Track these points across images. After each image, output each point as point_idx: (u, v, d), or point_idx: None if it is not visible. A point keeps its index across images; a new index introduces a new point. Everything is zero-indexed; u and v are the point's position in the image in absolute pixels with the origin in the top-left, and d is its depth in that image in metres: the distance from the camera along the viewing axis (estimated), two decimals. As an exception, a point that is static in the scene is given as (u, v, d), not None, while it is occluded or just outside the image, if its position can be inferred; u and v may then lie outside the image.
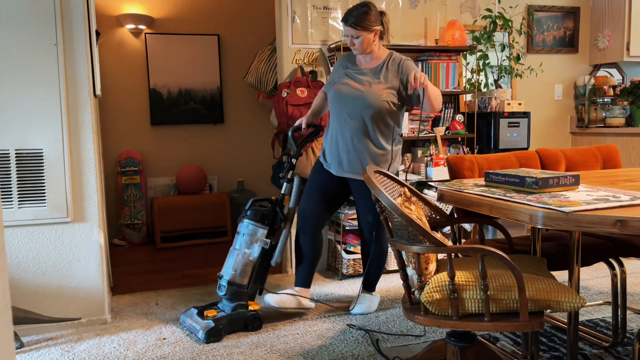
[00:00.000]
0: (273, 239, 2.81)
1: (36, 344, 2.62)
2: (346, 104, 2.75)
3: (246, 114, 5.29)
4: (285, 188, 2.95)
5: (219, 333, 2.60)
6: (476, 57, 4.02)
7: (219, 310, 2.75)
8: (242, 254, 2.78)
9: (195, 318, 2.71)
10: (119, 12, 4.83)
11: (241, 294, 2.75)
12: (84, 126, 2.77)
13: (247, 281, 2.76)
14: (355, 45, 2.71)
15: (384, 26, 2.73)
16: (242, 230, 2.82)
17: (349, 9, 2.72)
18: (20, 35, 2.62)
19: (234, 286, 2.74)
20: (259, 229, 2.79)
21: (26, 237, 2.73)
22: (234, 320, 2.68)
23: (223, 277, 2.77)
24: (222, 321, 2.64)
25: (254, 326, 2.71)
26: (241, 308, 2.73)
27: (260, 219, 2.80)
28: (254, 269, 2.77)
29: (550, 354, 2.38)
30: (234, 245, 2.82)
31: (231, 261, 2.79)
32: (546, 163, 2.55)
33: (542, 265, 1.95)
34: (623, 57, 4.40)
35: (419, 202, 2.08)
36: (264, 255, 2.80)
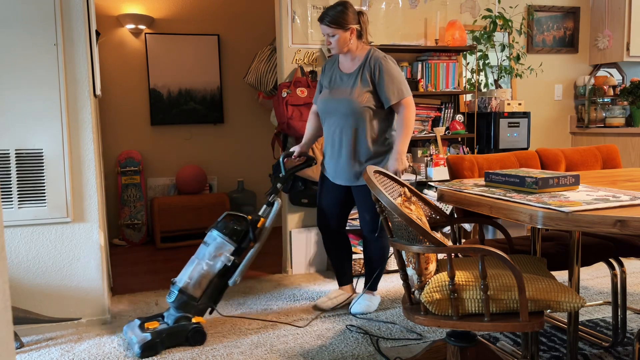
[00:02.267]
0: (238, 258, 2.66)
1: (36, 344, 2.62)
2: (332, 113, 2.78)
3: (246, 114, 5.29)
4: (263, 211, 2.82)
5: (154, 347, 2.45)
6: (476, 57, 4.02)
7: (162, 322, 2.60)
8: (202, 265, 2.61)
9: (136, 330, 2.55)
10: (119, 12, 4.83)
11: (190, 306, 2.57)
12: (84, 126, 2.77)
13: (200, 294, 2.59)
14: (332, 44, 2.72)
15: (362, 25, 2.74)
16: (209, 241, 2.66)
17: (326, 8, 2.74)
18: (20, 35, 2.62)
19: (184, 295, 2.56)
20: (227, 244, 2.63)
21: (26, 237, 2.73)
22: (174, 333, 2.52)
23: (176, 284, 2.60)
24: (161, 334, 2.48)
25: (195, 340, 2.54)
26: (184, 320, 2.56)
27: (230, 234, 2.64)
28: (210, 284, 2.60)
29: (550, 354, 2.38)
30: (197, 254, 2.66)
31: (189, 269, 2.62)
32: (546, 163, 2.55)
33: (542, 265, 1.95)
34: (623, 57, 4.40)
35: (419, 202, 2.08)
36: (224, 272, 2.63)
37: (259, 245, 2.70)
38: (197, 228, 4.80)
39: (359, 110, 2.70)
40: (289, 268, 3.75)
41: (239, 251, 2.66)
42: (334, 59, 2.89)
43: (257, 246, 2.70)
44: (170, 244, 4.66)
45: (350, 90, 2.72)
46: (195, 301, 2.58)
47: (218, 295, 2.67)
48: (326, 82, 2.85)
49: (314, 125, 3.00)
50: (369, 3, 3.83)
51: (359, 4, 3.80)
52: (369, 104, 2.70)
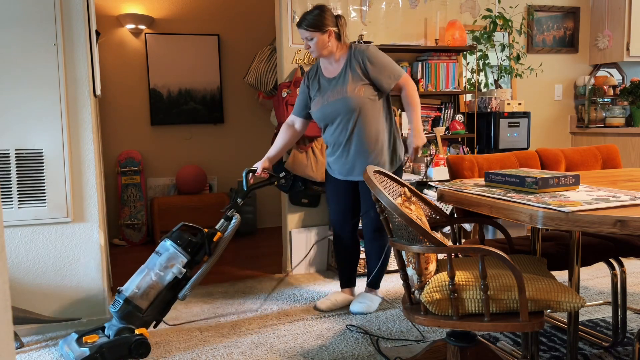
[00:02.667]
0: (190, 270, 2.54)
1: (36, 344, 2.62)
2: (332, 116, 2.80)
3: (246, 114, 5.29)
4: (221, 225, 2.73)
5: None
6: (476, 57, 4.02)
7: (102, 335, 2.43)
8: (151, 275, 2.48)
9: (73, 345, 2.38)
10: (119, 12, 4.83)
11: (134, 318, 2.42)
12: (84, 126, 2.77)
13: (147, 306, 2.45)
14: (311, 47, 2.76)
15: (340, 28, 2.77)
16: (161, 251, 2.53)
17: (304, 13, 2.78)
18: (20, 35, 2.62)
19: (130, 306, 2.42)
20: (180, 256, 2.50)
21: (26, 237, 2.73)
22: (116, 346, 2.33)
23: (122, 293, 2.45)
24: (101, 349, 2.30)
25: (139, 352, 2.35)
26: (127, 332, 2.39)
27: (185, 246, 2.52)
28: (158, 295, 2.47)
29: (550, 354, 2.38)
30: (147, 263, 2.54)
31: (137, 279, 2.48)
32: (546, 163, 2.55)
33: (542, 265, 1.95)
34: (623, 57, 4.40)
35: (419, 202, 2.08)
36: (175, 285, 2.51)
37: (213, 259, 2.58)
38: (197, 228, 4.80)
39: (358, 105, 2.73)
40: (289, 268, 3.75)
41: (191, 264, 2.54)
42: (315, 70, 2.90)
43: (211, 260, 2.58)
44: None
45: (343, 89, 2.74)
46: (140, 312, 2.44)
47: (165, 308, 2.54)
48: (314, 92, 2.87)
49: (286, 138, 2.97)
50: (369, 3, 3.83)
51: (359, 4, 3.80)
52: (367, 95, 2.74)
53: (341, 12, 3.76)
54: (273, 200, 5.29)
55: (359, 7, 3.81)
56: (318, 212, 3.78)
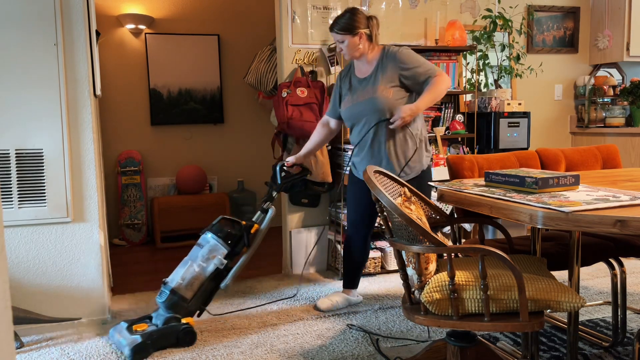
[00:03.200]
0: (230, 261, 2.66)
1: (36, 344, 2.62)
2: (360, 116, 2.80)
3: (246, 114, 5.29)
4: (257, 217, 2.81)
5: (146, 349, 2.40)
6: (476, 57, 4.02)
7: (151, 324, 2.55)
8: (194, 267, 2.60)
9: (124, 332, 2.48)
10: (119, 12, 4.83)
11: (180, 307, 2.54)
12: (84, 126, 2.77)
13: (191, 295, 2.57)
14: (343, 50, 2.78)
15: (371, 29, 2.77)
16: (202, 243, 2.66)
17: (336, 17, 2.80)
18: (20, 35, 2.62)
19: (175, 296, 2.54)
20: (220, 247, 2.63)
21: (26, 237, 2.73)
22: (165, 334, 2.46)
23: (167, 284, 2.57)
24: (151, 336, 2.42)
25: (186, 341, 2.49)
26: (174, 321, 2.51)
27: (225, 238, 2.65)
28: (201, 286, 2.59)
29: (550, 354, 2.38)
30: (190, 255, 2.65)
31: (181, 270, 2.60)
32: (546, 163, 2.55)
33: (542, 265, 1.95)
34: (623, 57, 4.40)
35: (419, 202, 2.08)
36: (217, 275, 2.62)
37: (252, 250, 2.70)
38: (197, 228, 4.77)
39: (386, 106, 2.71)
40: (289, 268, 3.75)
41: (232, 255, 2.65)
42: (347, 69, 2.92)
43: (250, 251, 2.69)
44: (170, 244, 4.66)
45: (373, 89, 2.74)
46: (186, 302, 2.55)
47: (208, 298, 2.64)
48: (345, 90, 2.89)
49: (319, 136, 3.01)
50: (369, 3, 3.83)
51: (359, 4, 3.80)
52: (395, 98, 2.71)
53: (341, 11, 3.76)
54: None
55: (359, 7, 3.81)
56: (318, 212, 3.78)
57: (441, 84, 2.67)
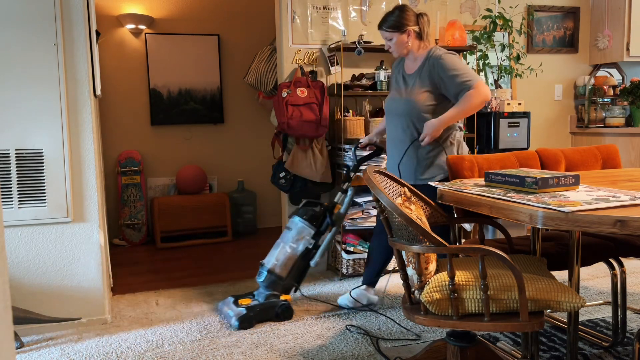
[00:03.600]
0: (318, 241, 2.96)
1: (36, 344, 2.62)
2: (392, 114, 2.81)
3: (246, 114, 5.29)
4: (338, 197, 3.08)
5: (250, 320, 2.75)
6: (476, 57, 4.02)
7: (254, 299, 2.91)
8: (287, 248, 2.93)
9: (231, 306, 2.87)
10: (119, 12, 4.83)
11: (277, 285, 2.89)
12: (84, 126, 2.77)
13: (286, 274, 2.91)
14: (391, 48, 2.77)
15: (421, 27, 2.73)
16: (291, 226, 2.97)
17: (385, 15, 2.78)
18: (20, 35, 2.62)
19: (272, 275, 2.89)
20: (307, 228, 2.94)
21: (26, 237, 2.73)
22: (266, 308, 2.82)
23: (264, 265, 2.92)
24: (255, 309, 2.79)
25: (285, 315, 2.83)
26: (273, 298, 2.87)
27: (310, 219, 2.95)
28: (294, 264, 2.92)
29: (550, 354, 2.38)
30: (281, 238, 2.98)
31: (275, 252, 2.94)
32: (546, 163, 2.55)
33: (542, 265, 1.95)
34: (623, 57, 4.40)
35: (419, 202, 2.08)
36: (306, 254, 2.95)
37: (336, 229, 3.00)
38: (197, 228, 4.80)
39: (416, 109, 2.68)
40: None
41: (318, 234, 2.96)
42: (401, 60, 2.89)
43: (334, 230, 3.00)
44: (170, 244, 4.66)
45: (409, 90, 2.73)
46: (282, 280, 2.90)
47: (301, 275, 2.98)
48: (394, 82, 2.90)
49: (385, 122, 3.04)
50: (369, 3, 3.83)
51: (359, 4, 3.80)
52: (427, 102, 2.67)
53: (341, 11, 3.76)
54: (273, 200, 5.29)
55: (359, 7, 3.81)
56: (318, 212, 3.78)
57: (475, 98, 2.55)
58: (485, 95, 2.57)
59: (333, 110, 3.69)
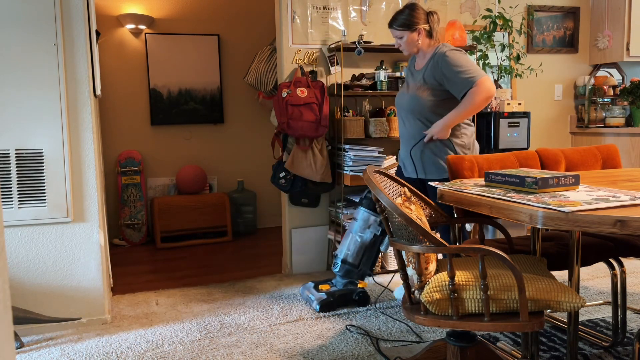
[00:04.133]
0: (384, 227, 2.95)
1: (36, 344, 2.62)
2: (401, 110, 2.85)
3: (246, 114, 5.29)
4: None
5: (331, 305, 2.94)
6: (476, 57, 4.01)
7: (332, 285, 3.07)
8: (356, 237, 3.01)
9: (312, 290, 3.06)
10: (119, 12, 4.83)
11: (352, 273, 3.02)
12: (84, 126, 2.77)
13: (358, 262, 3.01)
14: (401, 46, 2.79)
15: (431, 25, 2.75)
16: (357, 217, 3.05)
17: (395, 13, 2.78)
18: (20, 35, 2.62)
19: (346, 265, 3.01)
20: (372, 217, 3.00)
21: (26, 237, 2.73)
22: (345, 294, 2.98)
23: (338, 256, 3.04)
24: (335, 294, 2.96)
25: (362, 301, 2.99)
26: (351, 285, 3.04)
27: (373, 208, 3.00)
28: (365, 252, 3.01)
29: (550, 354, 2.38)
30: (350, 229, 3.07)
31: (346, 242, 3.04)
32: (546, 163, 2.55)
33: (542, 265, 1.95)
34: (623, 57, 4.40)
35: (419, 202, 2.08)
36: (375, 240, 3.02)
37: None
38: (197, 228, 4.80)
39: (420, 105, 2.71)
40: (289, 268, 3.75)
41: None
42: (413, 58, 2.93)
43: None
44: (170, 244, 4.66)
45: (415, 86, 2.76)
46: (355, 268, 3.02)
47: (373, 262, 3.07)
48: (406, 78, 2.94)
49: None
50: (369, 3, 3.83)
51: (359, 4, 3.80)
52: (430, 98, 2.69)
53: (341, 11, 3.76)
54: (273, 200, 5.29)
55: (359, 7, 3.81)
56: (318, 212, 3.78)
57: (478, 95, 2.56)
58: (488, 91, 2.56)
59: (333, 110, 3.69)
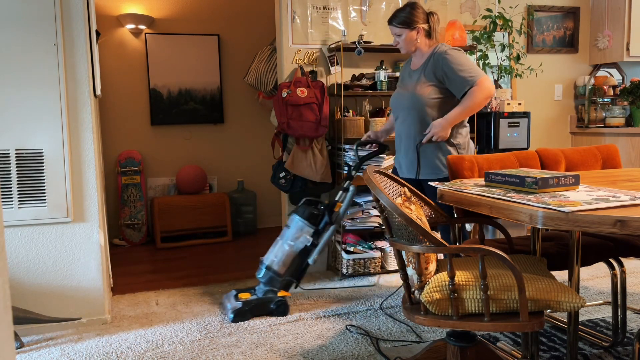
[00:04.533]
0: (316, 239, 2.98)
1: (36, 344, 2.62)
2: (399, 109, 2.83)
3: (246, 114, 5.29)
4: (339, 196, 3.07)
5: (245, 314, 2.85)
6: (476, 57, 4.01)
7: (253, 294, 2.98)
8: (285, 245, 2.96)
9: (231, 299, 2.98)
10: (119, 12, 4.83)
11: (275, 281, 2.95)
12: (84, 126, 2.77)
13: (284, 271, 2.95)
14: (399, 44, 2.79)
15: (431, 25, 2.76)
16: (290, 224, 3.01)
17: (395, 11, 2.79)
18: (20, 35, 2.62)
19: (270, 272, 2.94)
20: (306, 227, 2.97)
21: (26, 237, 2.73)
22: (262, 304, 2.90)
23: (263, 262, 2.98)
24: (251, 303, 2.87)
25: (280, 311, 2.90)
26: (271, 294, 2.94)
27: (308, 218, 2.98)
28: (292, 261, 2.96)
29: (550, 354, 2.38)
30: (281, 235, 3.02)
31: (274, 249, 2.98)
32: (546, 163, 2.55)
33: (542, 265, 1.95)
34: (623, 57, 4.40)
35: (419, 202, 2.08)
36: (305, 252, 2.97)
37: (335, 227, 3.01)
38: (197, 228, 4.80)
39: (422, 104, 2.70)
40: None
41: (317, 233, 2.98)
42: (409, 60, 2.94)
43: (333, 228, 3.00)
44: (170, 244, 4.66)
45: (414, 85, 2.75)
46: (279, 277, 2.95)
47: (301, 272, 3.00)
48: (400, 79, 2.93)
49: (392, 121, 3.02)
50: (369, 3, 3.83)
51: (359, 4, 3.80)
52: (432, 96, 2.69)
53: (341, 11, 3.76)
54: (273, 200, 5.29)
55: (359, 7, 3.81)
56: (318, 212, 3.77)
57: (478, 94, 2.59)
58: (488, 91, 2.61)
59: (333, 110, 3.69)
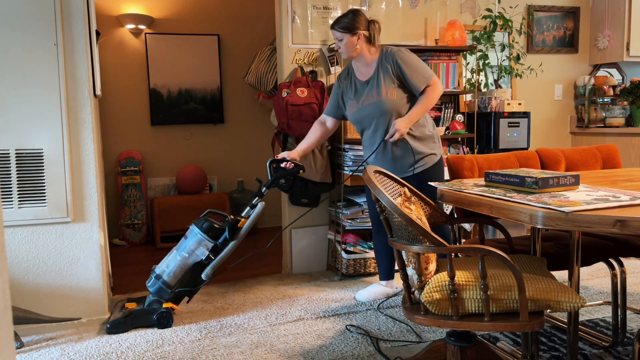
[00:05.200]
0: (213, 254, 2.79)
1: (36, 344, 2.62)
2: (367, 121, 2.88)
3: (246, 114, 5.29)
4: (246, 212, 2.91)
5: (121, 326, 2.70)
6: (476, 57, 4.01)
7: (139, 304, 2.84)
8: (178, 256, 2.79)
9: (117, 308, 2.83)
10: (119, 12, 4.83)
11: (163, 292, 2.78)
12: (84, 126, 2.77)
13: (174, 283, 2.78)
14: (341, 49, 2.88)
15: (371, 32, 2.86)
16: (188, 235, 2.83)
17: (339, 16, 2.90)
18: (20, 35, 2.62)
19: (159, 281, 2.78)
20: (204, 240, 2.79)
21: (26, 237, 2.73)
22: (143, 314, 2.75)
23: (154, 271, 2.82)
24: (131, 314, 2.73)
25: (161, 322, 2.74)
26: (156, 304, 2.78)
27: (207, 231, 2.80)
28: (185, 275, 2.79)
29: (550, 354, 2.39)
30: (177, 245, 2.85)
31: (168, 259, 2.82)
32: (546, 163, 2.55)
33: (542, 265, 1.95)
34: (623, 57, 4.40)
35: (419, 202, 2.08)
36: (199, 266, 2.79)
37: (235, 243, 2.80)
38: (197, 228, 4.79)
39: (392, 108, 2.81)
40: (289, 268, 3.75)
41: (215, 248, 2.79)
42: (347, 72, 3.00)
43: (232, 244, 2.79)
44: (171, 244, 4.61)
45: (378, 92, 2.82)
46: (169, 288, 2.78)
47: (193, 285, 2.83)
48: (349, 94, 2.95)
49: (316, 134, 3.06)
50: (369, 3, 3.83)
51: (359, 4, 3.80)
52: (400, 97, 2.82)
53: (341, 11, 3.76)
54: (273, 200, 5.29)
55: (359, 7, 3.81)
56: (318, 212, 3.78)
57: (433, 93, 2.80)
58: (441, 89, 2.83)
59: (333, 110, 3.69)
